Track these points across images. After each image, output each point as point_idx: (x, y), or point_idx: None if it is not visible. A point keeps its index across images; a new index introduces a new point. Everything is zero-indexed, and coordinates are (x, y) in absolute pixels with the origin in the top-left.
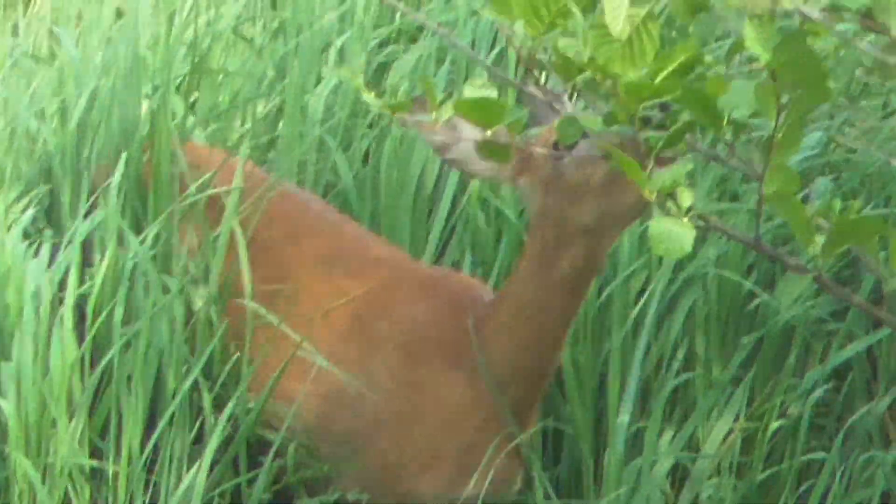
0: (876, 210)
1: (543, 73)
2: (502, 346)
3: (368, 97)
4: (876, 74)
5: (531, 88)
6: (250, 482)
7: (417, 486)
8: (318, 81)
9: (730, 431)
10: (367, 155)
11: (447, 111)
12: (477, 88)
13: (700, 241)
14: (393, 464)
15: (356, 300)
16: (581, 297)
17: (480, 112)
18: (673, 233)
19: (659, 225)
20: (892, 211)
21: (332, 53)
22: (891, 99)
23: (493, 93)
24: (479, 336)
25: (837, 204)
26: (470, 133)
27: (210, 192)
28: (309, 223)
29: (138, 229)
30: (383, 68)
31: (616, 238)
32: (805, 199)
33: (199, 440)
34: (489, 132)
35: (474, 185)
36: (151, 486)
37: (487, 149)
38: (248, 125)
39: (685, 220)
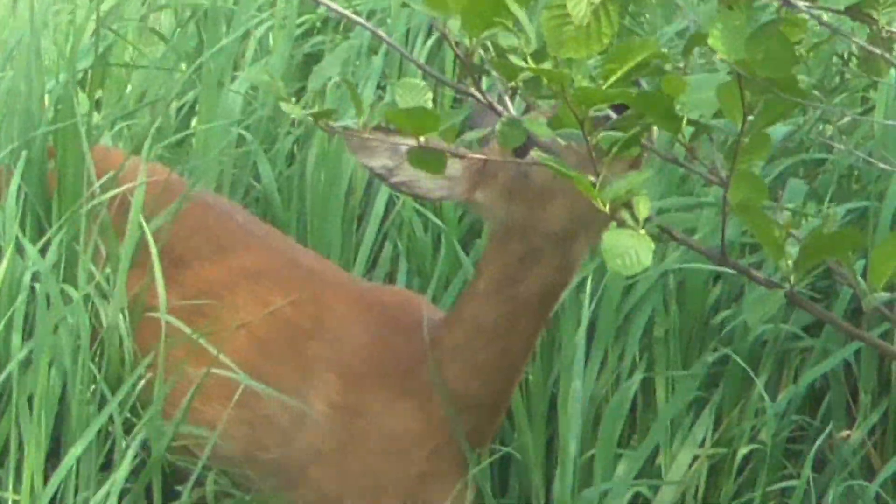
0: (854, 214)
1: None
2: (458, 371)
3: (288, 107)
4: (861, 68)
5: (470, 90)
6: None
7: None
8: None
9: (695, 458)
10: (291, 155)
11: (377, 116)
12: (409, 91)
13: (660, 248)
14: (331, 497)
15: (286, 319)
16: (547, 315)
17: (413, 122)
18: (629, 246)
19: (613, 238)
20: (870, 217)
21: (252, 44)
22: (870, 94)
23: (426, 95)
24: (432, 360)
25: (811, 208)
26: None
27: (114, 191)
28: (233, 236)
29: (42, 237)
30: (310, 61)
31: (589, 244)
32: (776, 200)
33: (108, 467)
34: (422, 139)
35: None
36: None
37: (419, 158)
38: (158, 123)
39: (642, 231)
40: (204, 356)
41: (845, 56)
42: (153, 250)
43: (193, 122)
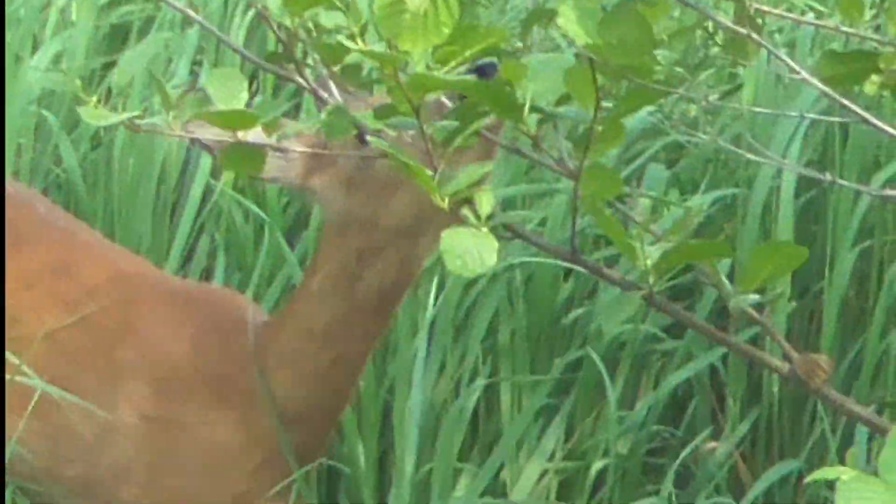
0: (721, 203)
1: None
2: (288, 378)
3: (88, 112)
4: (726, 50)
5: (293, 77)
6: None
7: None
8: (36, 48)
9: (544, 473)
10: (97, 137)
11: (188, 111)
12: (223, 82)
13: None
14: None
15: (92, 321)
16: (388, 316)
17: (229, 123)
18: (471, 245)
19: (453, 237)
20: (738, 206)
21: (53, 15)
22: (738, 70)
23: (241, 87)
24: (258, 366)
25: (673, 196)
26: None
27: None
28: (32, 228)
29: None
30: (117, 32)
31: (435, 240)
32: (637, 185)
33: None
34: (241, 134)
35: (229, 174)
36: None
37: (233, 157)
38: None
39: (485, 229)
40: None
41: (710, 29)
42: None
43: None
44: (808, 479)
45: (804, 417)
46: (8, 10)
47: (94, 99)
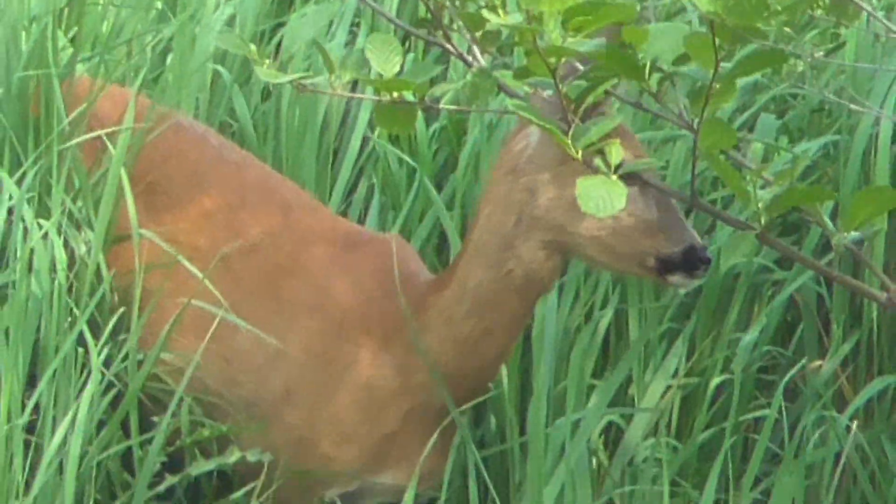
0: (823, 151)
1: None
2: (442, 338)
3: (263, 71)
4: (830, 12)
5: (441, 42)
6: (142, 444)
7: (329, 463)
8: (216, 8)
9: (667, 388)
10: (266, 91)
11: (348, 73)
12: (379, 47)
13: None
14: (304, 438)
15: (266, 254)
16: (531, 303)
17: (387, 86)
18: (603, 191)
19: (587, 182)
20: (841, 152)
21: None
22: (840, 31)
23: (396, 51)
24: (419, 321)
25: (784, 143)
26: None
27: (99, 132)
28: (209, 164)
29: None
30: (284, 1)
31: (582, 246)
32: (750, 130)
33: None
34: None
35: None
36: (32, 448)
37: (387, 116)
38: (134, 60)
39: (614, 177)
40: (179, 287)
41: None
42: (125, 181)
43: (169, 59)
44: None
45: None
46: None
47: (267, 61)
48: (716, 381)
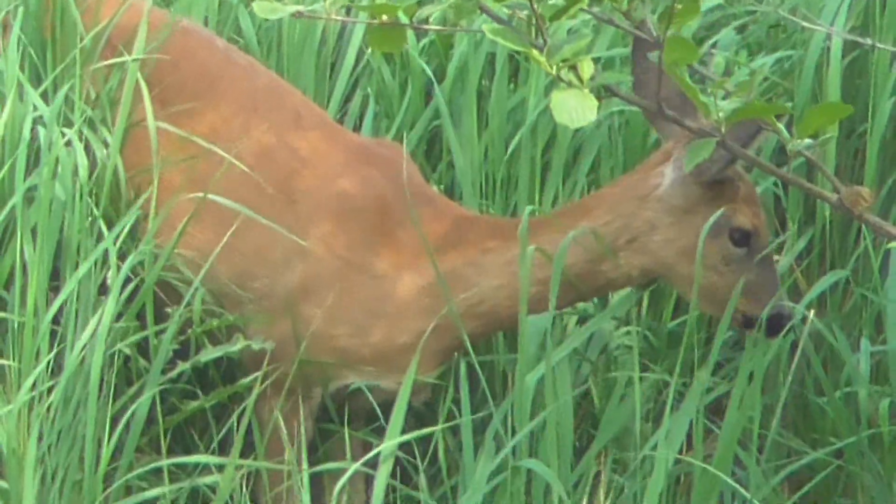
0: (780, 65)
1: None
2: (506, 286)
3: (260, 5)
4: None
5: None
6: (158, 334)
7: (341, 355)
8: None
9: None
10: None
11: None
12: None
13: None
14: (320, 332)
15: (286, 155)
16: (574, 298)
17: (377, 9)
18: (575, 103)
19: (560, 95)
20: (795, 65)
21: None
22: None
23: None
24: (464, 256)
25: (743, 57)
26: None
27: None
28: (219, 65)
29: (40, 83)
30: None
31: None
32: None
33: (106, 292)
34: (384, 17)
35: None
36: (58, 338)
37: (378, 37)
38: None
39: (586, 90)
40: (196, 184)
41: None
42: (142, 84)
43: None
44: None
45: (850, 237)
46: None
47: None
48: None
